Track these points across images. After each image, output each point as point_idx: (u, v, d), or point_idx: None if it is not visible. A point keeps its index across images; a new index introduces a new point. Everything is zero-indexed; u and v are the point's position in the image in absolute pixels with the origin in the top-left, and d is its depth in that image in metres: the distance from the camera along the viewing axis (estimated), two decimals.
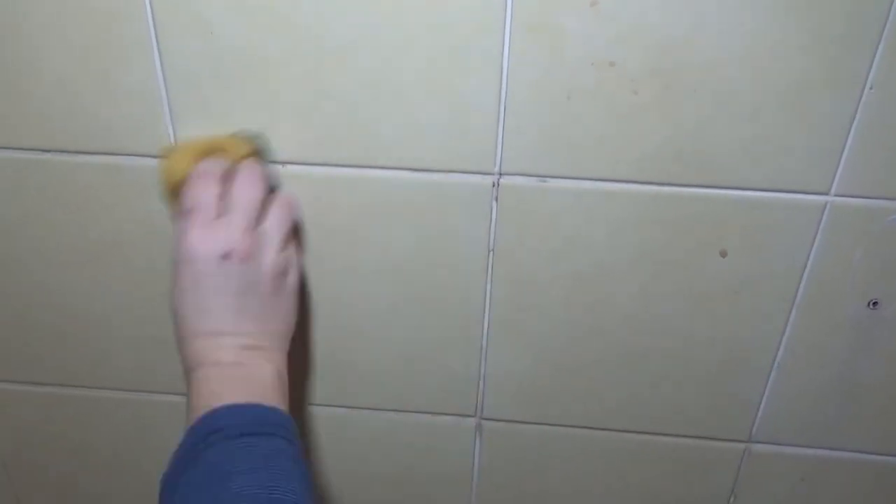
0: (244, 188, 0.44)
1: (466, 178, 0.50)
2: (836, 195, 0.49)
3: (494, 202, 0.51)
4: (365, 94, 0.48)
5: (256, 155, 0.48)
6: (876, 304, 0.53)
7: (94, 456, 0.68)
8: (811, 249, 0.51)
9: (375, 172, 0.51)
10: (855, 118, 0.46)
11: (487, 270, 0.54)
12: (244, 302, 0.43)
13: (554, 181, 0.50)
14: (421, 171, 0.50)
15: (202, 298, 0.42)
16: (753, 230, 0.50)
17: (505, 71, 0.46)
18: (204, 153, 0.46)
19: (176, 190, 0.46)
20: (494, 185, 0.50)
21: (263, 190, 0.45)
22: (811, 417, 0.58)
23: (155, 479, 0.69)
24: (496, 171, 0.50)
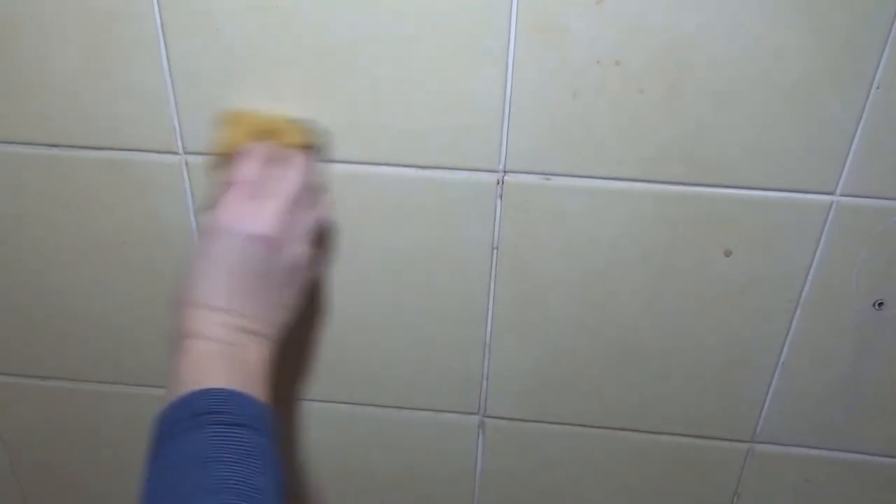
0: (289, 177, 0.45)
1: (471, 175, 0.50)
2: (841, 195, 0.48)
3: (499, 200, 0.51)
4: (370, 91, 0.48)
5: (310, 146, 0.48)
6: (881, 304, 0.52)
7: (98, 451, 0.69)
8: (816, 249, 0.51)
9: (380, 169, 0.51)
10: (861, 118, 0.46)
11: (491, 268, 0.54)
12: (255, 285, 0.43)
13: (558, 179, 0.50)
14: (426, 168, 0.50)
15: (216, 271, 0.43)
16: (758, 230, 0.50)
17: (510, 69, 0.46)
18: (260, 130, 0.47)
19: (224, 158, 0.46)
20: (499, 182, 0.50)
21: (306, 183, 0.46)
22: (815, 418, 0.58)
23: None
24: (501, 168, 0.50)
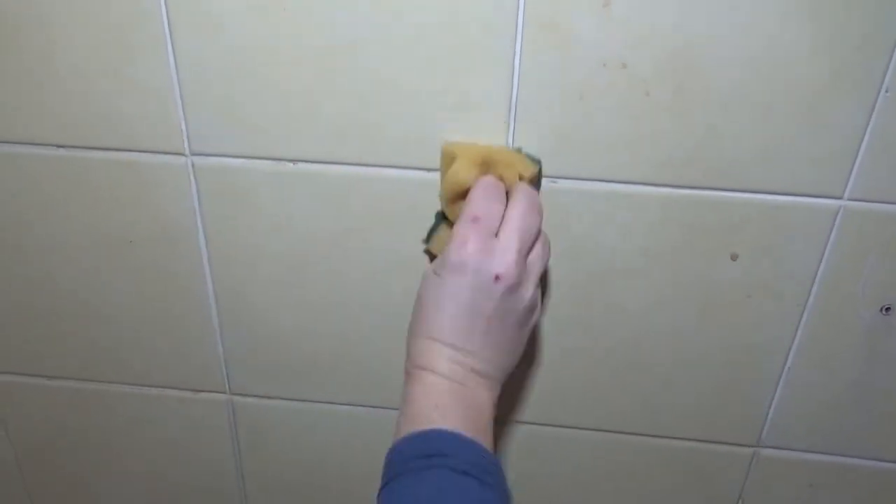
0: (527, 216, 0.43)
1: None
2: (849, 199, 0.48)
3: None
4: (374, 93, 0.48)
5: (534, 178, 0.47)
6: (888, 309, 0.52)
7: (104, 450, 0.69)
8: (823, 254, 0.50)
9: (385, 171, 0.51)
10: (870, 122, 0.45)
11: None
12: (491, 326, 0.43)
13: (564, 182, 0.50)
14: (431, 170, 0.50)
15: (455, 307, 0.43)
16: (765, 234, 0.50)
17: (516, 70, 0.46)
18: (487, 163, 0.46)
19: (455, 193, 0.46)
20: None
21: (540, 221, 0.45)
22: (820, 423, 0.58)
23: (167, 474, 0.69)
24: None
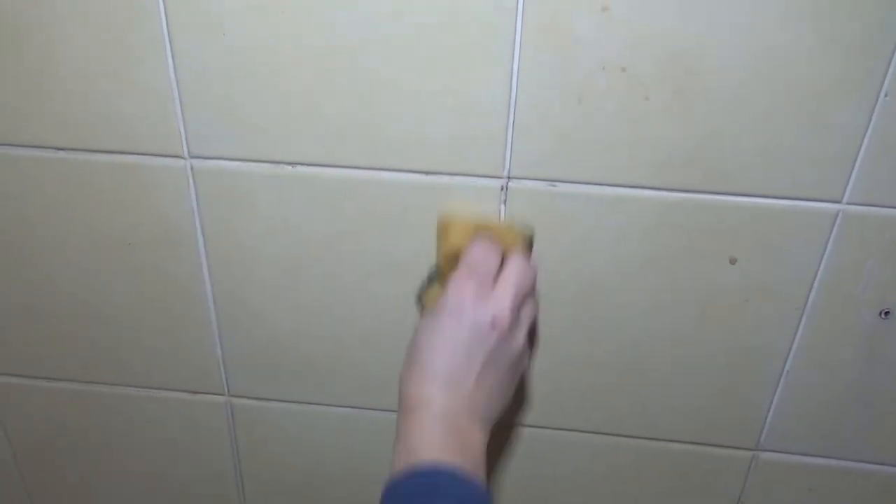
0: (519, 274, 0.47)
1: (475, 181, 0.50)
2: (848, 203, 0.48)
3: (503, 206, 0.51)
4: (374, 95, 0.48)
5: (526, 245, 0.51)
6: (888, 313, 0.52)
7: (103, 452, 0.69)
8: (822, 258, 0.50)
9: (384, 174, 0.51)
10: (869, 126, 0.45)
11: None
12: (485, 370, 0.45)
13: (563, 186, 0.50)
14: (429, 173, 0.50)
15: (453, 348, 0.45)
16: (764, 238, 0.50)
17: (515, 73, 0.46)
18: (479, 232, 0.49)
19: (450, 256, 0.49)
20: (503, 188, 0.50)
21: (533, 281, 0.48)
22: (820, 426, 0.58)
23: (166, 475, 0.69)
24: (505, 174, 0.50)
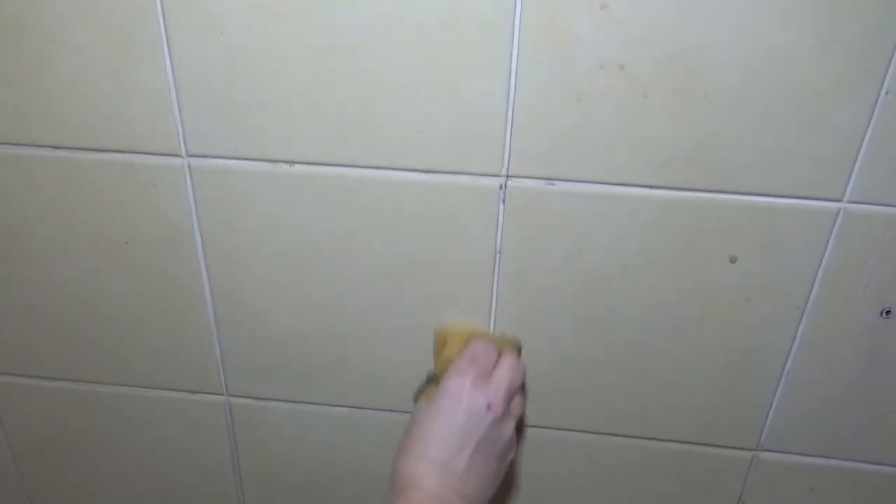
0: (512, 370, 0.52)
1: (474, 179, 0.50)
2: (849, 202, 0.48)
3: (502, 204, 0.51)
4: (373, 94, 0.48)
5: (516, 351, 0.55)
6: (889, 312, 0.52)
7: (103, 452, 0.69)
8: (823, 257, 0.50)
9: (383, 173, 0.51)
10: (869, 124, 0.45)
11: (494, 273, 0.54)
12: (477, 454, 0.49)
13: (562, 184, 0.50)
14: (428, 172, 0.50)
15: (449, 429, 0.48)
16: (765, 237, 0.50)
17: (514, 72, 0.46)
18: (476, 338, 0.54)
19: (447, 363, 0.53)
20: (502, 187, 0.50)
21: (523, 378, 0.53)
22: (820, 426, 0.58)
23: (166, 475, 0.69)
24: (504, 173, 0.50)
